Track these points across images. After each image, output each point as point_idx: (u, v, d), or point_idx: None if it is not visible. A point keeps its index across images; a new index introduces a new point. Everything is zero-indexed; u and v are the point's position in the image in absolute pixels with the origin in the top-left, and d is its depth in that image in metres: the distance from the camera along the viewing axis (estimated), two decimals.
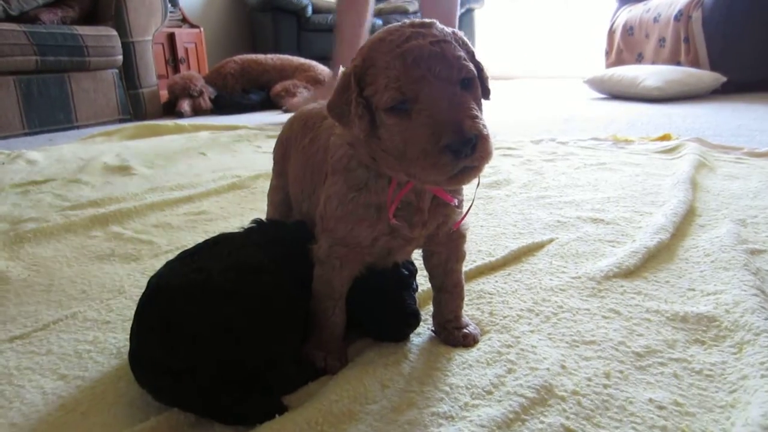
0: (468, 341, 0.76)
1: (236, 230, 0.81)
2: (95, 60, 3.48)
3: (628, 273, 0.95)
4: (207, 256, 0.71)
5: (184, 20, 4.99)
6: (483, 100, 0.65)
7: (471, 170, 0.58)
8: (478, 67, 0.64)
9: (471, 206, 0.74)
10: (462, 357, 0.72)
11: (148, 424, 0.60)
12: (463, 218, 0.73)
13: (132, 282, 1.00)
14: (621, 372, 0.68)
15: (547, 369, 0.68)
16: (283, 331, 0.65)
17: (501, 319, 0.82)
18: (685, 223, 1.18)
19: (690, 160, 1.69)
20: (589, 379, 0.66)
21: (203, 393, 0.59)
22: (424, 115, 0.56)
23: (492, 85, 0.67)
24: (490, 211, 1.33)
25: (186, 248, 0.72)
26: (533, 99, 3.96)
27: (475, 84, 0.61)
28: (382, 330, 0.76)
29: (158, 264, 1.07)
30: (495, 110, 3.32)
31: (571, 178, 1.62)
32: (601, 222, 1.21)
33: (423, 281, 0.87)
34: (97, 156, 2.27)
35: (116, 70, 3.70)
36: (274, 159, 0.96)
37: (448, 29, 0.63)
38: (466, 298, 0.87)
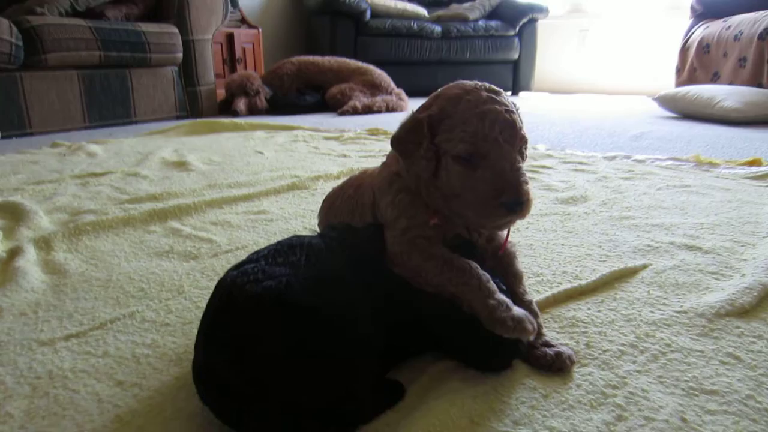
0: (561, 362, 0.67)
1: (309, 233, 0.74)
2: (156, 57, 3.52)
3: (743, 312, 0.83)
4: (283, 261, 0.64)
5: (243, 21, 5.04)
6: None
7: (510, 223, 0.69)
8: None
9: (509, 231, 0.78)
10: (561, 395, 0.63)
11: None
12: (506, 240, 0.78)
13: (191, 282, 0.95)
14: None
15: (666, 421, 0.58)
16: (364, 354, 0.57)
17: (600, 353, 0.72)
18: None
19: None
20: None
21: (272, 421, 0.52)
22: (490, 172, 0.66)
23: (553, 97, 0.70)
24: (570, 229, 1.23)
25: (248, 248, 0.67)
26: (598, 113, 3.80)
27: (526, 152, 0.71)
28: (480, 358, 0.66)
29: (218, 264, 1.02)
30: (558, 122, 3.19)
31: (655, 199, 1.49)
32: (698, 250, 1.09)
33: None
34: (154, 150, 2.27)
35: (176, 68, 3.74)
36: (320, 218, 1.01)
37: (511, 100, 0.72)
38: (556, 325, 0.79)
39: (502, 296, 0.64)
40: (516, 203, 0.65)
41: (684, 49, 4.28)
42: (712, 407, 0.61)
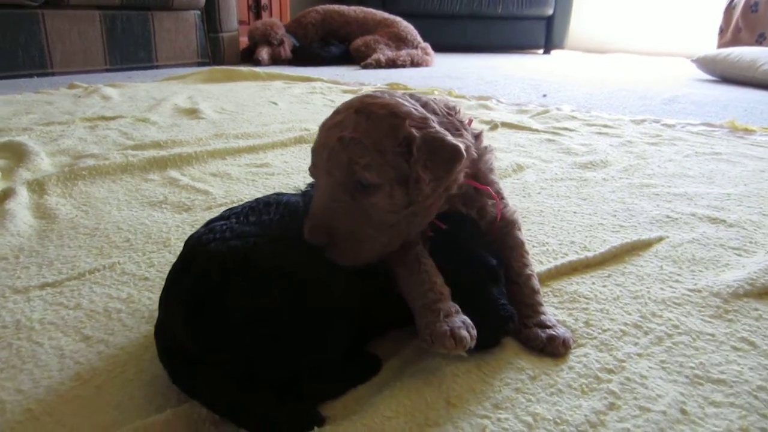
0: (555, 347, 0.62)
1: (293, 191, 0.69)
2: None
3: (764, 292, 0.76)
4: (255, 219, 0.59)
5: None
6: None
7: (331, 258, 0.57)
8: (405, 168, 0.59)
9: (499, 209, 0.71)
10: (550, 377, 0.58)
11: (162, 417, 0.49)
12: (497, 220, 0.70)
13: (179, 235, 0.91)
14: (763, 430, 0.52)
15: (663, 412, 0.53)
16: (333, 324, 0.53)
17: (600, 333, 0.66)
18: None
19: None
20: None
21: (228, 391, 0.48)
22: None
23: (587, 57, 0.57)
24: (584, 196, 1.15)
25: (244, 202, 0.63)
26: (632, 75, 3.62)
27: (377, 191, 0.58)
28: None
29: (210, 217, 0.98)
30: (588, 83, 3.05)
31: (681, 166, 1.40)
32: (721, 223, 1.02)
33: None
34: (169, 97, 2.23)
35: (198, 12, 3.66)
36: None
37: (396, 123, 0.60)
38: (556, 300, 0.74)
39: (440, 305, 0.57)
40: (310, 242, 0.57)
41: (729, 8, 4.02)
42: (718, 398, 0.56)
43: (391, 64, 3.77)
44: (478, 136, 0.71)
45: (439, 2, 4.85)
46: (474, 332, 0.55)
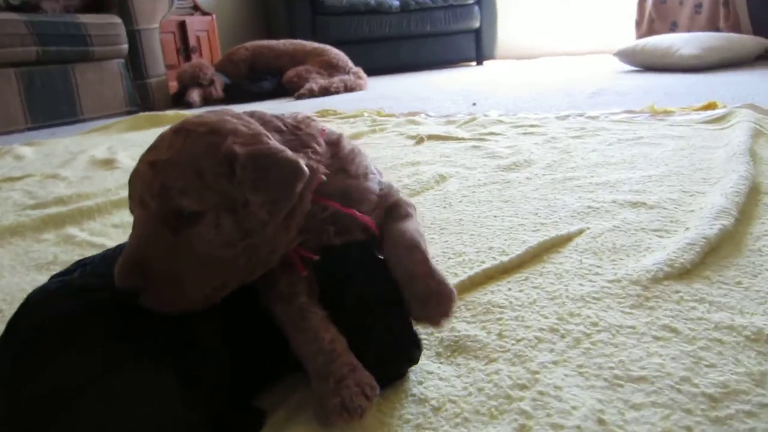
0: (429, 312, 0.55)
1: None
2: (99, 50, 3.33)
3: (684, 273, 0.72)
4: (104, 270, 0.51)
5: (195, 8, 4.83)
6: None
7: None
8: (231, 192, 0.51)
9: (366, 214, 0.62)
10: (456, 405, 0.51)
11: None
12: (373, 226, 0.61)
13: None
14: (689, 429, 0.46)
15: (578, 427, 0.47)
16: (194, 397, 0.45)
17: (513, 344, 0.60)
18: (750, 203, 0.95)
19: (745, 128, 1.44)
20: None
21: None
22: None
23: (517, 64, 0.49)
24: (507, 198, 1.11)
25: None
26: (557, 75, 3.68)
27: (198, 220, 0.50)
28: (367, 369, 0.51)
29: None
30: (516, 87, 3.07)
31: (604, 155, 1.38)
32: (642, 206, 0.99)
33: None
34: (87, 149, 2.12)
35: (122, 60, 3.56)
36: None
37: (215, 140, 0.52)
38: (468, 314, 0.68)
39: (332, 367, 0.49)
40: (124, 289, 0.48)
41: (642, 1, 4.17)
42: (638, 400, 0.50)
43: (325, 92, 3.73)
44: (336, 143, 0.63)
45: (368, 27, 4.86)
46: (374, 391, 0.48)
